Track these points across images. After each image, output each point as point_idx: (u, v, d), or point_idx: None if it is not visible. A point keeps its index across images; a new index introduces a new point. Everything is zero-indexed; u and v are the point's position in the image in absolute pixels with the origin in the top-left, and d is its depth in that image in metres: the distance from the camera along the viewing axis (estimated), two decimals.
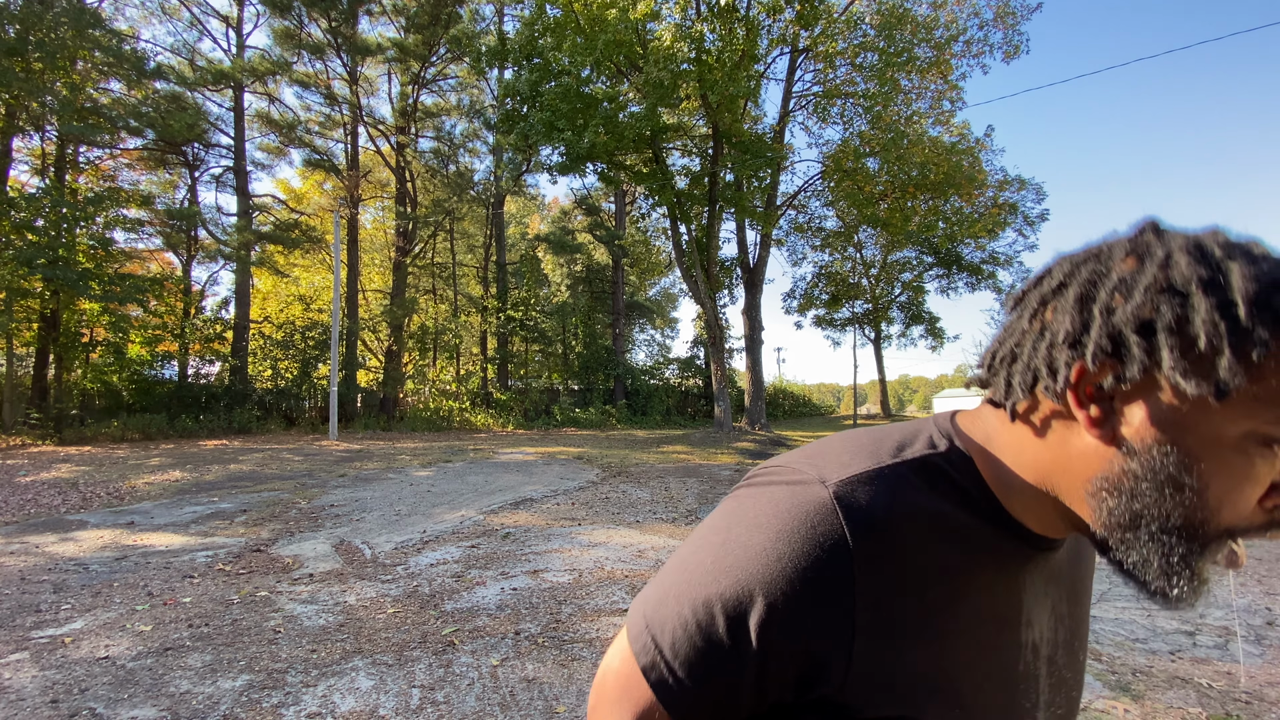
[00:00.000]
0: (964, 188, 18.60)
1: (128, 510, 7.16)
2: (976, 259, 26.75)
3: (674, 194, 16.87)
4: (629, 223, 27.99)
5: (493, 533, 6.10)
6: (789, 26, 15.55)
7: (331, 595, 4.22)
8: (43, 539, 5.80)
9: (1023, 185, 24.09)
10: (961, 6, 18.09)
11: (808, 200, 25.23)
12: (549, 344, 26.46)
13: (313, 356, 20.22)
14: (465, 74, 24.25)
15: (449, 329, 25.68)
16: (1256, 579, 4.58)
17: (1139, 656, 3.25)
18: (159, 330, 17.82)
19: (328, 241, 22.16)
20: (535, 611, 3.89)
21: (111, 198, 16.02)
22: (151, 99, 17.84)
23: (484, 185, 25.64)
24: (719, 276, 20.93)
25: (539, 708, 2.70)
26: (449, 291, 28.67)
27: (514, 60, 16.02)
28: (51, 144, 16.73)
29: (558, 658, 3.21)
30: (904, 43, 15.23)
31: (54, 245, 14.47)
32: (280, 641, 3.40)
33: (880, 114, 16.43)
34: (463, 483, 9.13)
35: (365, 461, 11.58)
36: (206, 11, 20.19)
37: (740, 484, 0.59)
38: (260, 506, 7.39)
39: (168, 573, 4.75)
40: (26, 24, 14.10)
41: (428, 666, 3.10)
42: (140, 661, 3.14)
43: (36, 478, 9.22)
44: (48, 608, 3.95)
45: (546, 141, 15.29)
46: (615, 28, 13.22)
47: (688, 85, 15.16)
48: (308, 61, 21.23)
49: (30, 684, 2.89)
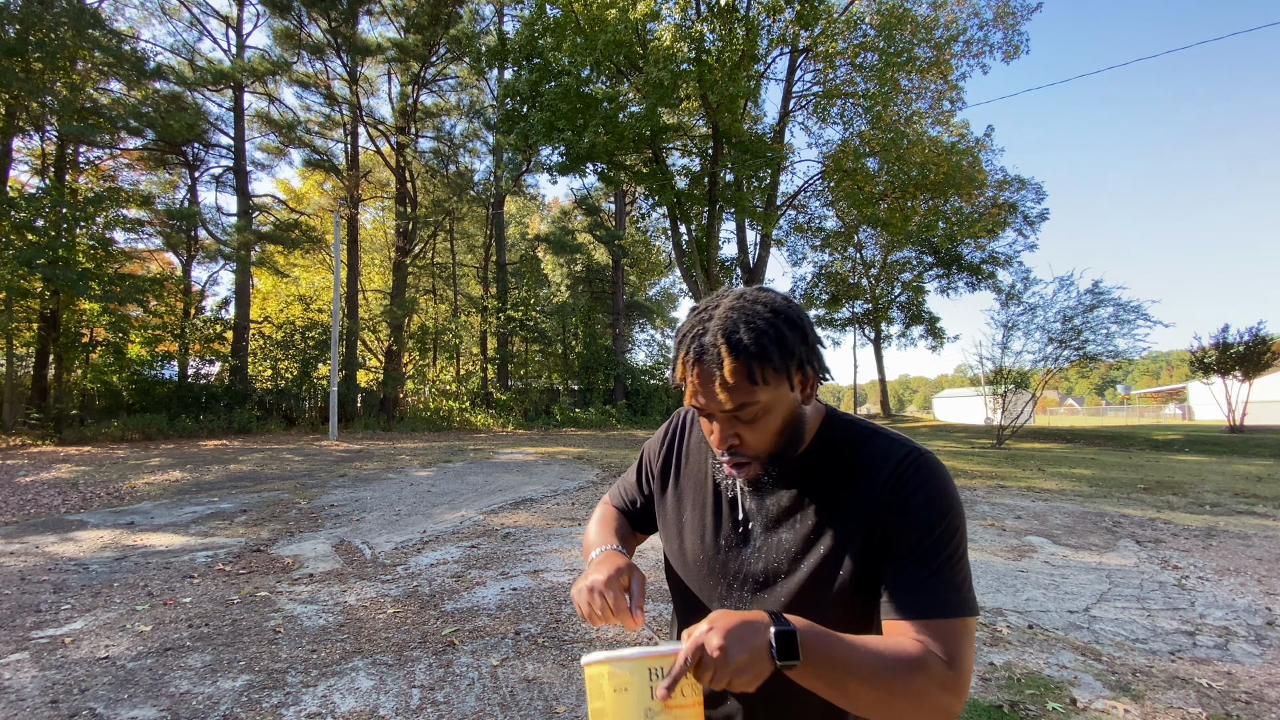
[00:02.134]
0: (964, 188, 18.59)
1: (128, 510, 7.16)
2: (976, 259, 26.73)
3: (674, 194, 16.87)
4: (629, 223, 27.99)
5: (493, 533, 6.10)
6: (789, 26, 15.55)
7: (331, 595, 4.21)
8: (43, 539, 5.80)
9: (1022, 185, 24.09)
10: (961, 6, 18.10)
11: (808, 200, 25.24)
12: (549, 344, 26.45)
13: (313, 356, 20.21)
14: (465, 74, 24.24)
15: (449, 329, 25.68)
16: (1256, 579, 4.57)
17: (1139, 656, 3.25)
18: (159, 330, 17.81)
19: (328, 241, 22.16)
20: (535, 611, 3.89)
21: (111, 198, 16.01)
22: (151, 99, 17.83)
23: (484, 185, 25.63)
24: (719, 276, 20.92)
25: (539, 708, 2.70)
26: (449, 291, 28.66)
27: (514, 60, 16.02)
28: (51, 144, 16.72)
29: (558, 658, 3.21)
30: (904, 43, 15.22)
31: (54, 245, 14.47)
32: (280, 641, 3.40)
33: (880, 114, 16.43)
34: (463, 483, 9.13)
35: (365, 461, 11.57)
36: (206, 11, 20.19)
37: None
38: (260, 506, 7.39)
39: (168, 573, 4.74)
40: (26, 24, 14.09)
41: (428, 667, 3.10)
42: (140, 661, 3.14)
43: (36, 478, 9.22)
44: (48, 608, 3.95)
45: (546, 141, 15.29)
46: (615, 28, 13.22)
47: (688, 85, 15.16)
48: (308, 61, 21.22)
49: (30, 684, 2.89)
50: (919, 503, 0.79)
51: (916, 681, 0.70)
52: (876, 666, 0.69)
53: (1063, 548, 5.53)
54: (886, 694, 0.69)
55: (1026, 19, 17.86)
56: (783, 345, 0.77)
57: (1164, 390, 54.95)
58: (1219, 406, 21.36)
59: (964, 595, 0.77)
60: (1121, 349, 15.43)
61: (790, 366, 0.78)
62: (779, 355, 0.77)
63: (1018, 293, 17.13)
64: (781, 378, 0.78)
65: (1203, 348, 21.13)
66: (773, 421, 0.81)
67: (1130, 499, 8.02)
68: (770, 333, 0.77)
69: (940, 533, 0.77)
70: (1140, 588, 4.41)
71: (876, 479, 0.81)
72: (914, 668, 0.70)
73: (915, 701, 0.70)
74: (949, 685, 0.71)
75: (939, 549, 0.77)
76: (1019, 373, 16.64)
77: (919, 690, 0.70)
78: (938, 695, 0.70)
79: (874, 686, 0.69)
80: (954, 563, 0.78)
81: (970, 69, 18.62)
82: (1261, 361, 19.82)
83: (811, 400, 0.86)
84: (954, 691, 0.71)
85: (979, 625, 3.64)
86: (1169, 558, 5.19)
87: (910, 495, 0.79)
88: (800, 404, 0.83)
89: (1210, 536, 5.92)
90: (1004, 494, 8.42)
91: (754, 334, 0.76)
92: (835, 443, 0.87)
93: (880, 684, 0.69)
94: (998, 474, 10.43)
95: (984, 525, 6.44)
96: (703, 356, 0.78)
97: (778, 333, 0.77)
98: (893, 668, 0.70)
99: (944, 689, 0.70)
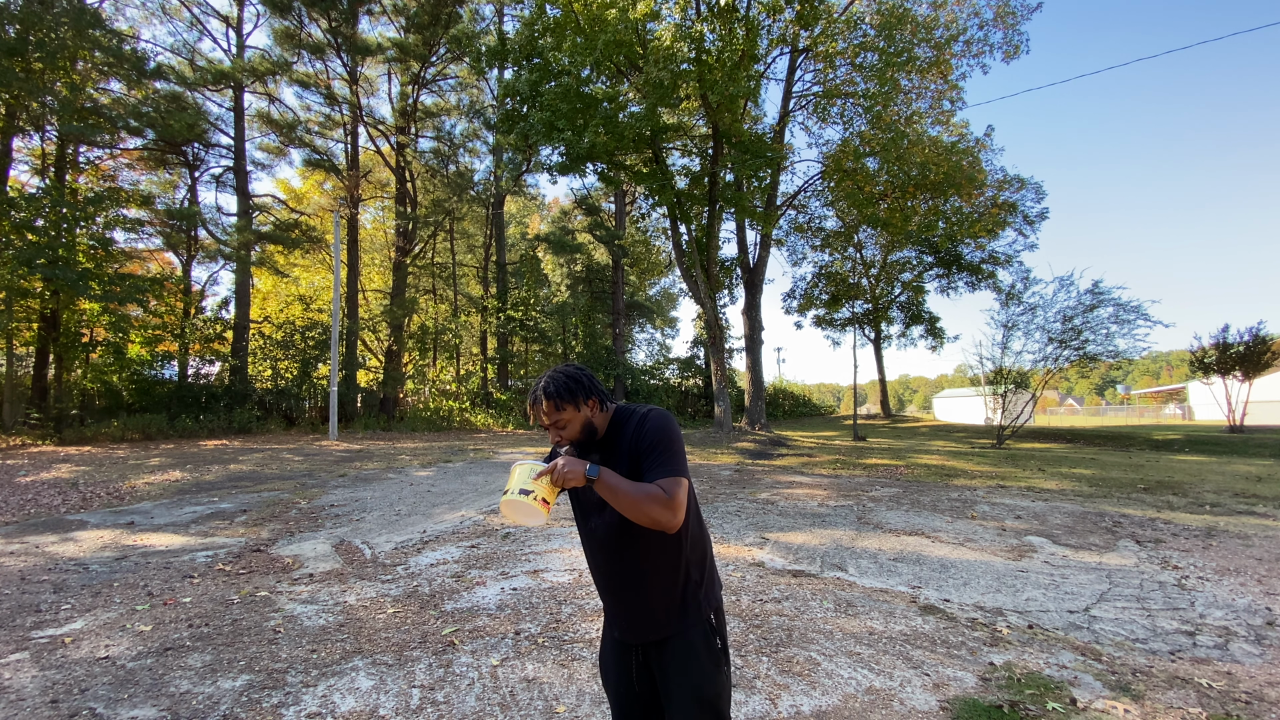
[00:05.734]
0: (964, 187, 18.57)
1: (128, 510, 7.16)
2: (976, 259, 26.69)
3: (674, 194, 16.86)
4: (629, 223, 27.98)
5: (493, 533, 6.10)
6: (789, 26, 15.54)
7: (331, 595, 4.21)
8: (43, 539, 5.80)
9: (1022, 185, 24.06)
10: (961, 6, 18.07)
11: (808, 200, 25.22)
12: (549, 344, 26.45)
13: (313, 356, 20.21)
14: (465, 74, 24.24)
15: (449, 329, 25.68)
16: (1256, 579, 4.57)
17: (1139, 656, 3.25)
18: (159, 330, 17.81)
19: (328, 241, 22.16)
20: (535, 611, 3.89)
21: (111, 198, 16.01)
22: (151, 99, 17.83)
23: (484, 185, 25.63)
24: (719, 276, 20.93)
25: (539, 708, 2.70)
26: (449, 291, 28.66)
27: (514, 60, 16.01)
28: (51, 144, 16.72)
29: (558, 658, 3.21)
30: (904, 43, 15.20)
31: (54, 245, 14.46)
32: (280, 641, 3.40)
33: (880, 114, 16.41)
34: (463, 483, 9.13)
35: (365, 461, 11.58)
36: (206, 11, 20.20)
37: None
38: (260, 506, 7.39)
39: (168, 573, 4.74)
40: (26, 24, 14.09)
41: (428, 666, 3.10)
42: (140, 661, 3.14)
43: (36, 478, 9.22)
44: (48, 608, 3.95)
45: (546, 141, 15.28)
46: (615, 28, 13.20)
47: (688, 85, 15.15)
48: (308, 61, 21.23)
49: (30, 684, 2.89)
50: (649, 431, 1.51)
51: (652, 496, 1.39)
52: (634, 489, 1.39)
53: (1063, 548, 5.53)
54: (636, 501, 1.38)
55: (1026, 19, 17.85)
56: (569, 389, 1.55)
57: (1164, 390, 54.91)
58: (1219, 406, 21.36)
59: (675, 466, 1.46)
60: (1121, 349, 15.42)
61: (577, 399, 1.55)
62: (568, 394, 1.55)
63: (1018, 293, 17.12)
64: (568, 405, 1.55)
65: (1203, 348, 21.12)
66: (573, 428, 1.56)
67: (1130, 499, 8.02)
68: (565, 384, 1.56)
69: (660, 441, 1.49)
70: (1140, 588, 4.41)
71: (629, 429, 1.56)
72: (651, 492, 1.40)
73: (649, 507, 1.38)
74: (666, 504, 1.39)
75: (660, 449, 1.48)
76: (1019, 373, 16.63)
77: (651, 501, 1.39)
78: (660, 509, 1.38)
79: (632, 496, 1.38)
80: (665, 452, 1.47)
81: (970, 69, 18.61)
82: (1261, 361, 19.82)
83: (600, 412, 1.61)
84: (669, 509, 1.39)
85: (979, 625, 3.70)
86: (1169, 558, 5.19)
87: (644, 430, 1.52)
88: (590, 416, 1.58)
89: (1210, 536, 5.92)
90: (1004, 494, 8.42)
91: (554, 384, 1.55)
92: (614, 423, 1.62)
93: (635, 496, 1.38)
94: (998, 474, 10.43)
95: (984, 525, 6.45)
96: (535, 399, 1.57)
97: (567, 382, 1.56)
98: (643, 489, 1.40)
99: (662, 505, 1.39)
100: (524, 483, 1.39)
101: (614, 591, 1.60)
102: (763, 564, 5.03)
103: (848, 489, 8.86)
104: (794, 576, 4.68)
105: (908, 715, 2.65)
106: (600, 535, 1.58)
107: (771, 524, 6.50)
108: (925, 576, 4.69)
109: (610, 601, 1.63)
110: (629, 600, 1.58)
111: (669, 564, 1.54)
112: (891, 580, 4.60)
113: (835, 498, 8.10)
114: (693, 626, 1.54)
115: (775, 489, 8.83)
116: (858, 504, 7.65)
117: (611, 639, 1.67)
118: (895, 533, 6.12)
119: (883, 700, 2.78)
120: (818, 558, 5.22)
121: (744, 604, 4.06)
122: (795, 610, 3.94)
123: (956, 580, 4.60)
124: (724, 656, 1.56)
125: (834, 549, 5.50)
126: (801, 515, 6.97)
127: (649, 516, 1.38)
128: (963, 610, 3.95)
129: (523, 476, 1.41)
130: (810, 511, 7.18)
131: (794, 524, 6.51)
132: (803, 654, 3.27)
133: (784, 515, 6.96)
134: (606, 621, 1.69)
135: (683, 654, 1.52)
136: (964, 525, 6.45)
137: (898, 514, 7.04)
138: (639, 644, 1.60)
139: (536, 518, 1.41)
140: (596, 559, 1.63)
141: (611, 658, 1.66)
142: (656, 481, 1.42)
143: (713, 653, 1.53)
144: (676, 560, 1.54)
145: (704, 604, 1.57)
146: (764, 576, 4.68)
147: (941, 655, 3.26)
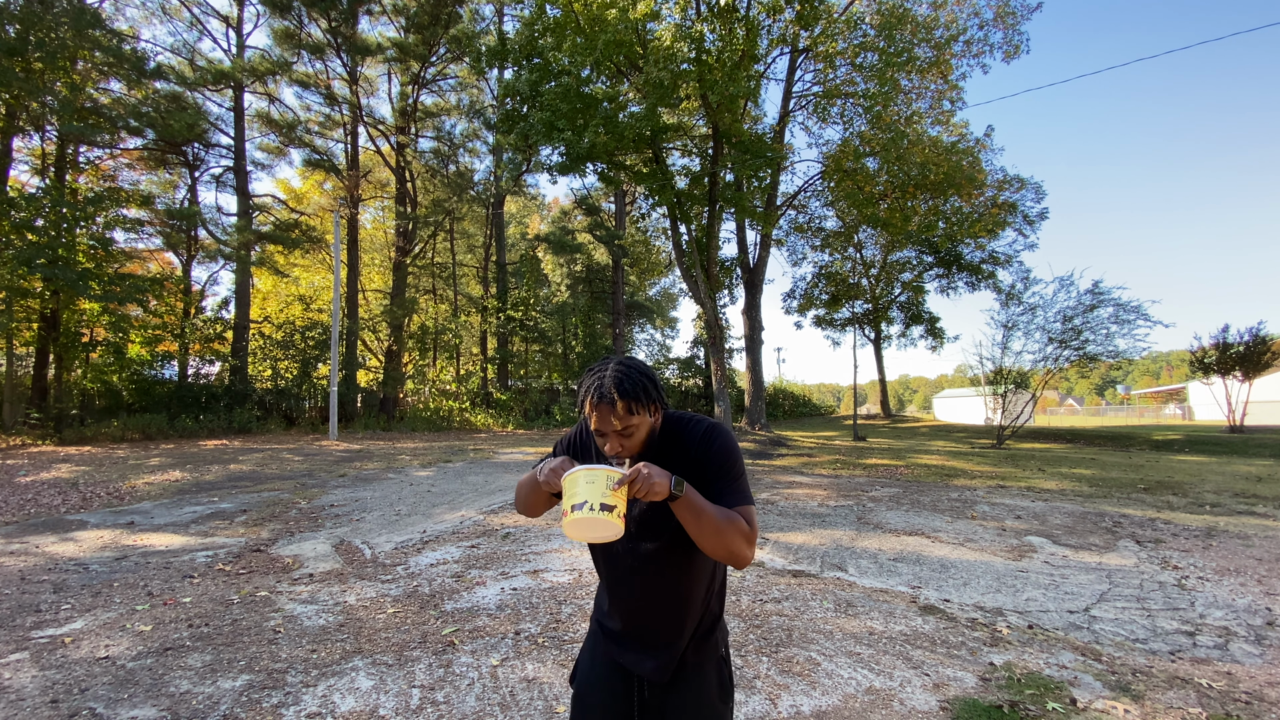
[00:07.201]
0: (964, 187, 18.58)
1: (128, 510, 7.16)
2: (976, 259, 26.69)
3: (674, 194, 16.85)
4: (629, 223, 27.98)
5: (493, 533, 6.10)
6: (789, 26, 15.53)
7: (331, 595, 4.21)
8: (43, 539, 5.80)
9: (1022, 184, 24.06)
10: (961, 6, 18.09)
11: (808, 200, 25.22)
12: (549, 344, 26.46)
13: (313, 356, 20.21)
14: (465, 74, 24.24)
15: (449, 329, 25.68)
16: (1256, 579, 4.57)
17: (1139, 656, 3.25)
18: (159, 330, 17.81)
19: (328, 241, 22.16)
20: (535, 611, 3.89)
21: (111, 198, 16.00)
22: (151, 99, 17.83)
23: (484, 185, 25.63)
24: (719, 276, 20.92)
25: (539, 708, 2.70)
26: (449, 291, 28.66)
27: (514, 60, 16.00)
28: (51, 144, 16.72)
29: (558, 658, 3.21)
30: (904, 43, 15.20)
31: (54, 245, 14.46)
32: (280, 641, 3.40)
33: (880, 114, 16.40)
34: (463, 483, 9.13)
35: (365, 461, 11.58)
36: (206, 11, 20.19)
37: None
38: (260, 506, 7.39)
39: (168, 573, 4.74)
40: (26, 24, 14.09)
41: (428, 666, 3.10)
42: (140, 661, 3.14)
43: (36, 478, 9.22)
44: (48, 608, 3.95)
45: (546, 141, 15.27)
46: (615, 28, 13.20)
47: (688, 85, 15.14)
48: (308, 61, 21.22)
49: (30, 684, 2.89)
50: (718, 450, 1.34)
51: (736, 526, 1.25)
52: (719, 514, 1.24)
53: (1063, 548, 5.53)
54: (720, 528, 1.22)
55: (1026, 19, 17.87)
56: (646, 390, 1.30)
57: (1164, 390, 54.89)
58: (1219, 406, 21.35)
59: (748, 493, 1.33)
60: (1121, 349, 15.42)
61: (653, 403, 1.32)
62: (645, 396, 1.30)
63: (1018, 293, 17.13)
64: (642, 409, 1.30)
65: (1203, 348, 21.12)
66: (639, 436, 1.32)
67: (1130, 499, 8.02)
68: (640, 381, 1.30)
69: (733, 463, 1.33)
70: (1140, 588, 4.41)
71: (692, 443, 1.36)
72: (736, 521, 1.25)
73: (732, 538, 1.23)
74: (748, 538, 1.26)
75: (734, 473, 1.33)
76: (1019, 373, 16.63)
77: (735, 531, 1.24)
78: (743, 541, 1.25)
79: (718, 522, 1.22)
80: (739, 477, 1.33)
81: (970, 69, 18.62)
82: (1261, 361, 19.81)
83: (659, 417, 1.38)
84: (751, 543, 1.26)
85: (979, 625, 3.70)
86: (1169, 558, 5.18)
87: (711, 448, 1.34)
88: (655, 425, 1.36)
89: (1210, 536, 5.92)
90: (1004, 494, 8.42)
91: (629, 382, 1.29)
92: (666, 432, 1.40)
93: (721, 523, 1.23)
94: (998, 474, 10.43)
95: (984, 525, 6.45)
96: (601, 397, 1.28)
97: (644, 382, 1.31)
98: (729, 517, 1.25)
99: (745, 538, 1.25)
100: (603, 495, 1.17)
101: (640, 621, 1.42)
102: (763, 564, 5.03)
103: (848, 489, 8.86)
104: (794, 576, 4.68)
105: (908, 715, 2.65)
106: (640, 558, 1.38)
107: (771, 524, 6.50)
108: (925, 576, 4.69)
109: (630, 629, 1.44)
110: (656, 633, 1.41)
111: (701, 596, 1.42)
112: (891, 580, 4.60)
113: (835, 498, 8.10)
114: (708, 661, 1.43)
115: (775, 489, 8.83)
116: (858, 504, 7.65)
117: (607, 662, 1.48)
118: (895, 533, 6.12)
119: (883, 700, 2.78)
120: (818, 558, 5.22)
121: (744, 604, 4.06)
122: (795, 610, 3.94)
123: (956, 580, 4.60)
124: (732, 690, 1.48)
125: (834, 549, 5.50)
126: (801, 515, 6.97)
127: (727, 548, 1.22)
128: (963, 610, 3.95)
129: (598, 488, 1.18)
130: (810, 511, 7.18)
131: (794, 524, 6.52)
132: (803, 654, 3.27)
133: (784, 515, 6.96)
134: (605, 643, 1.50)
135: (696, 689, 1.41)
136: (964, 525, 6.45)
137: (898, 514, 7.04)
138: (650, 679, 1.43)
139: (612, 532, 1.21)
140: (628, 584, 1.42)
141: (601, 681, 1.48)
142: (735, 509, 1.27)
143: (724, 689, 1.45)
144: (707, 592, 1.43)
145: (719, 639, 1.46)
146: (764, 576, 4.68)
147: (941, 655, 3.26)
